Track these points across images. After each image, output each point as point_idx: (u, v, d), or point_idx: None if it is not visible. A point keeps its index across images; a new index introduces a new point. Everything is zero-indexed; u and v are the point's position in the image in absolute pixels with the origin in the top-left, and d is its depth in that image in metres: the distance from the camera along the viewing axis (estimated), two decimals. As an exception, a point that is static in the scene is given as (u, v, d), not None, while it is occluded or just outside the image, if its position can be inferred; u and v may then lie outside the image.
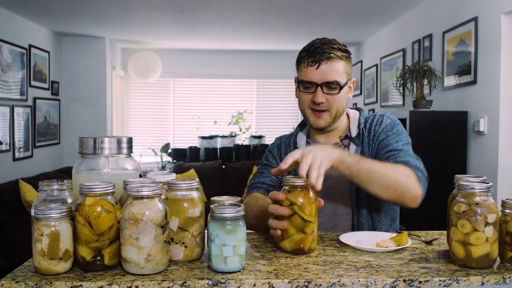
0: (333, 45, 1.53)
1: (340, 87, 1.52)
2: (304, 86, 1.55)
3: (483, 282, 1.03)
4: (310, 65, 1.52)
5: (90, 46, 5.91)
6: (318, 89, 1.51)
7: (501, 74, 2.96)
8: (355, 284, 1.00)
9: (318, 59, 1.51)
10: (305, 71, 1.53)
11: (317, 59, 1.51)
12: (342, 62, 1.53)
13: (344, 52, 1.54)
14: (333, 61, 1.51)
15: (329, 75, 1.51)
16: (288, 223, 1.19)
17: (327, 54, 1.50)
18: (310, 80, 1.52)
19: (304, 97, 1.57)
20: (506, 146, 2.98)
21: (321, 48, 1.52)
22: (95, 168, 1.20)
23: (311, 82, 1.52)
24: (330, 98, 1.52)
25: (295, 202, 1.19)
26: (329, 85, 1.51)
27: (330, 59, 1.51)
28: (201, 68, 6.93)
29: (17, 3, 4.30)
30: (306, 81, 1.53)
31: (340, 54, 1.52)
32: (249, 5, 4.39)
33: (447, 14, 3.69)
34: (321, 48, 1.52)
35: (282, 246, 1.21)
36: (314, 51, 1.52)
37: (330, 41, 1.55)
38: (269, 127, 7.08)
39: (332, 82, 1.51)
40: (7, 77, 4.45)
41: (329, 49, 1.51)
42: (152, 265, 1.01)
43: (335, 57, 1.51)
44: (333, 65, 1.51)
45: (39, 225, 1.01)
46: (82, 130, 5.87)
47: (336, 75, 1.51)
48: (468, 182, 1.11)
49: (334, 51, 1.51)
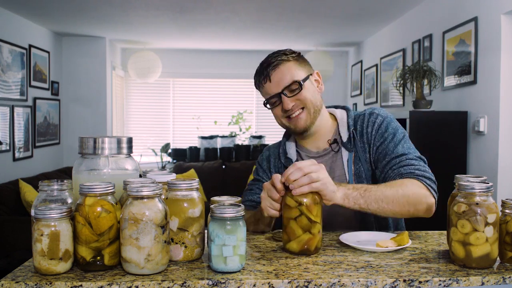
0: (276, 54, 1.53)
1: (299, 84, 1.49)
2: (270, 103, 1.54)
3: (483, 282, 1.03)
4: (264, 82, 1.52)
5: (90, 46, 5.91)
6: (282, 97, 1.49)
7: (501, 74, 2.96)
8: (355, 284, 1.00)
9: (267, 73, 1.50)
10: (264, 90, 1.53)
11: (266, 73, 1.51)
12: (289, 63, 1.51)
13: (289, 54, 1.52)
14: (280, 67, 1.50)
15: (284, 80, 1.49)
16: (295, 224, 1.19)
17: (272, 64, 1.50)
18: (271, 93, 1.51)
19: (276, 111, 1.55)
20: (506, 146, 2.98)
21: (266, 63, 1.52)
22: (95, 168, 1.20)
23: (272, 96, 1.51)
24: (297, 98, 1.50)
25: (302, 203, 1.19)
26: (289, 87, 1.49)
27: (276, 67, 1.50)
28: (201, 68, 6.93)
29: (17, 3, 4.30)
30: (269, 97, 1.53)
31: (285, 57, 1.51)
32: (249, 5, 4.39)
33: (447, 14, 3.69)
34: (266, 63, 1.52)
35: (289, 248, 1.20)
36: (260, 69, 1.53)
37: (272, 54, 1.54)
38: (269, 127, 7.08)
39: (290, 84, 1.49)
40: (7, 77, 4.45)
41: (273, 59, 1.51)
42: (152, 265, 1.01)
43: (281, 62, 1.50)
44: (283, 69, 1.50)
45: (39, 225, 1.01)
46: (82, 130, 5.87)
47: (291, 76, 1.49)
48: (468, 182, 1.11)
49: (278, 58, 1.51)
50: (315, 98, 1.52)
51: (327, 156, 1.58)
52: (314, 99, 1.51)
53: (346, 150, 1.54)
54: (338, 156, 1.56)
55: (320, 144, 1.59)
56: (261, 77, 1.52)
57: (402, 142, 1.49)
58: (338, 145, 1.56)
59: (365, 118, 1.55)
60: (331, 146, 1.57)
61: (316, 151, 1.60)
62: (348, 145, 1.54)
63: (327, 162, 1.56)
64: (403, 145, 1.48)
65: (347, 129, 1.56)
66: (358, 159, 1.52)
